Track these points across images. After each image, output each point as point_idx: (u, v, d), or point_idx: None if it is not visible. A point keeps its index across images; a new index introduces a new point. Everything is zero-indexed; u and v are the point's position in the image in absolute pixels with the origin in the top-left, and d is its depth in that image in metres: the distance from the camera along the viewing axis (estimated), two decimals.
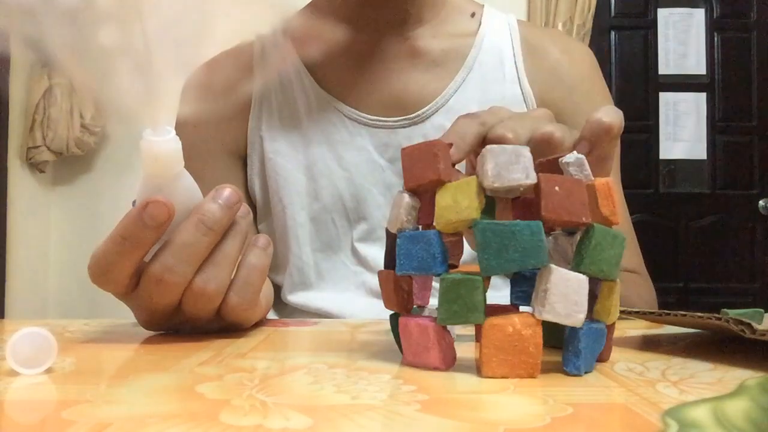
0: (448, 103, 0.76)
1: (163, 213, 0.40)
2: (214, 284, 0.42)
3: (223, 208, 0.42)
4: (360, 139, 0.76)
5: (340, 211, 0.76)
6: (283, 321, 0.56)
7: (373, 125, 0.76)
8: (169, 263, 0.41)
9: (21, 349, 0.32)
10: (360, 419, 0.24)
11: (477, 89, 0.77)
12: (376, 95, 0.77)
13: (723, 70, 2.89)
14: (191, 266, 0.42)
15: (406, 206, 0.36)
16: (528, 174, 0.32)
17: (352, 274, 0.76)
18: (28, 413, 0.27)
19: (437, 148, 0.34)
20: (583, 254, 0.32)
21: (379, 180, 0.76)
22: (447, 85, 0.77)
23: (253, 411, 0.25)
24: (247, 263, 0.44)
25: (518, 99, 0.77)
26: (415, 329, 0.33)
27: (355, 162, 0.76)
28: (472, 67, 0.78)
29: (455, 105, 0.76)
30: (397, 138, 0.76)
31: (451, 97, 0.77)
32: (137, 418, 0.25)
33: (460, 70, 0.78)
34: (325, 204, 0.76)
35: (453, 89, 0.77)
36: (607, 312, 0.34)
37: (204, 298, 0.43)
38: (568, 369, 0.32)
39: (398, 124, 0.76)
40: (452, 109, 0.76)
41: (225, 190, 0.43)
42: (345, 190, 0.76)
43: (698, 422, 0.24)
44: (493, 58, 0.79)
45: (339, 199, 0.76)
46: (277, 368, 0.33)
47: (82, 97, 2.78)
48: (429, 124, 0.76)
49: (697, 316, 0.37)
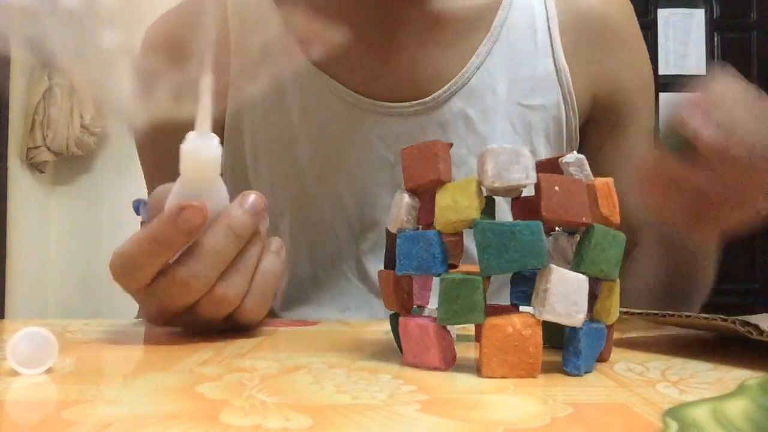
0: (469, 83, 0.63)
1: (198, 218, 0.39)
2: (234, 290, 0.42)
3: (250, 215, 0.42)
4: (362, 129, 0.62)
5: (341, 220, 0.64)
6: (283, 321, 0.56)
7: (378, 112, 0.62)
8: (196, 268, 0.40)
9: (21, 349, 0.32)
10: (360, 419, 0.24)
11: (504, 64, 0.64)
12: (382, 76, 0.63)
13: None
14: (216, 272, 0.41)
15: (406, 206, 0.36)
16: (528, 174, 0.32)
17: (355, 290, 0.65)
18: (28, 413, 0.27)
19: (437, 148, 0.34)
20: (583, 254, 0.32)
21: (387, 179, 0.63)
22: (468, 60, 0.64)
23: (253, 411, 0.25)
24: (262, 269, 0.44)
25: (551, 77, 0.65)
26: (415, 329, 0.33)
27: (357, 159, 0.63)
28: (499, 36, 0.64)
29: (477, 85, 0.63)
30: (409, 127, 0.62)
31: (473, 75, 0.63)
32: (137, 418, 0.25)
33: (484, 41, 0.64)
34: (323, 212, 0.64)
35: (475, 65, 0.63)
36: (607, 312, 0.34)
37: (224, 303, 0.42)
38: (568, 369, 0.32)
39: (410, 111, 0.62)
40: (475, 90, 0.63)
41: (251, 196, 0.42)
42: (346, 195, 0.64)
43: (698, 422, 0.24)
44: (524, 22, 0.65)
45: (339, 205, 0.64)
46: (277, 368, 0.33)
47: (82, 98, 2.78)
48: (447, 109, 0.62)
49: (702, 317, 0.37)
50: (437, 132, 0.63)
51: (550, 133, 0.66)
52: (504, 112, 0.64)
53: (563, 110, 0.66)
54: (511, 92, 0.65)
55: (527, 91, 0.65)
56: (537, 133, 0.66)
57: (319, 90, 0.63)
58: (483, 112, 0.64)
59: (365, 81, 0.63)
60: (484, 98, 0.64)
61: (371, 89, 0.62)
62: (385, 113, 0.62)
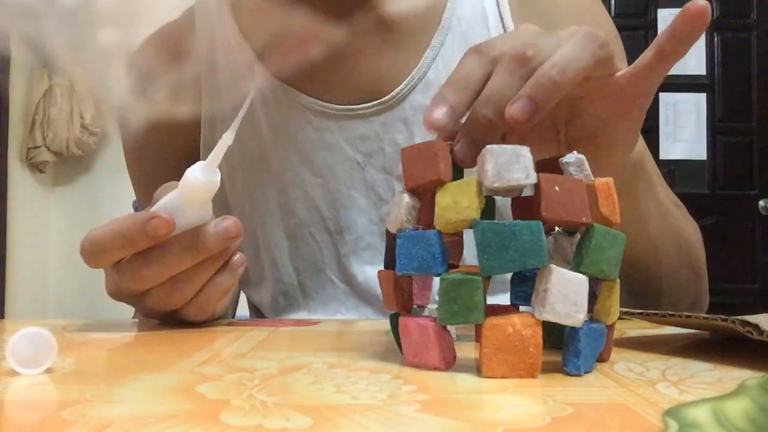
0: (426, 77, 0.64)
1: (164, 229, 0.44)
2: (179, 294, 0.47)
3: (218, 237, 0.46)
4: (329, 135, 0.65)
5: (318, 224, 0.66)
6: (283, 321, 0.56)
7: (342, 116, 0.64)
8: (152, 264, 0.45)
9: (21, 349, 0.32)
10: (360, 419, 0.24)
11: (458, 53, 0.62)
12: (343, 81, 0.64)
13: (723, 71, 2.89)
14: (168, 273, 0.46)
15: (406, 206, 0.36)
16: (528, 174, 0.32)
17: (342, 294, 0.66)
18: (28, 413, 0.27)
19: (437, 148, 0.34)
20: (583, 254, 0.32)
21: (358, 180, 0.65)
22: (423, 54, 0.64)
23: (253, 411, 0.25)
24: (213, 282, 0.48)
25: None
26: (415, 329, 0.33)
27: (327, 164, 0.65)
28: (450, 27, 0.65)
29: (434, 78, 0.64)
30: (373, 127, 0.64)
31: (428, 69, 0.64)
32: (137, 418, 0.25)
33: (436, 33, 0.65)
34: (301, 218, 0.66)
35: (429, 58, 0.64)
36: (607, 312, 0.34)
37: (167, 302, 0.48)
38: (568, 369, 0.32)
39: (371, 111, 0.64)
40: (432, 83, 0.64)
41: (227, 221, 0.46)
42: (321, 200, 0.65)
43: (698, 422, 0.24)
44: (474, 10, 0.66)
45: (315, 210, 0.66)
46: (277, 368, 0.33)
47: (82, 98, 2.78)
48: (407, 105, 0.64)
49: (702, 317, 0.37)
50: (401, 128, 0.65)
51: None
52: None
53: None
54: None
55: None
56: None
57: (285, 102, 0.65)
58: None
59: (327, 88, 0.64)
60: None
61: (334, 96, 0.64)
62: (348, 116, 0.64)
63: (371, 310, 0.66)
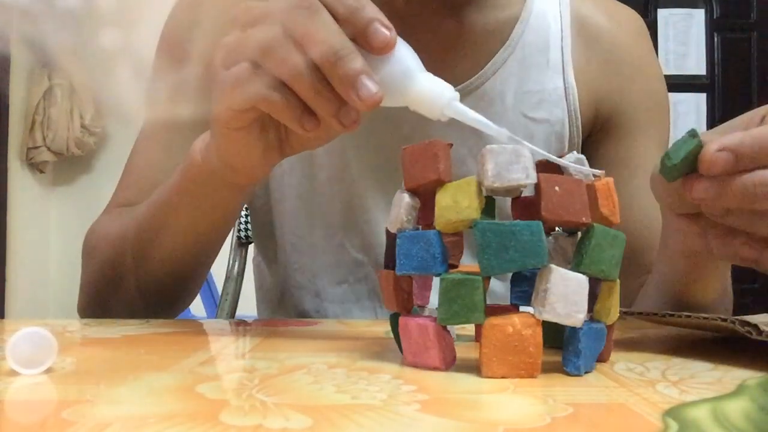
0: (482, 88, 0.67)
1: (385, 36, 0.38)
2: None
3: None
4: (378, 124, 0.66)
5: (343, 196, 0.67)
6: (283, 321, 0.56)
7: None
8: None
9: (21, 349, 0.32)
10: (360, 419, 0.24)
11: (516, 75, 0.67)
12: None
13: (723, 71, 2.89)
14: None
15: (406, 206, 0.36)
16: (528, 174, 0.32)
17: (353, 262, 0.69)
18: (28, 413, 0.27)
19: (437, 148, 0.34)
20: (583, 254, 0.32)
21: (393, 159, 0.65)
22: (483, 66, 0.67)
23: (253, 411, 0.25)
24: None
25: (558, 94, 0.68)
26: (415, 329, 0.33)
27: (374, 149, 0.67)
28: (515, 48, 0.67)
29: (488, 91, 0.66)
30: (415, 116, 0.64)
31: (486, 81, 0.67)
32: (137, 418, 0.25)
33: (501, 50, 0.67)
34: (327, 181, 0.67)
35: (490, 71, 0.67)
36: (607, 312, 0.34)
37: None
38: (568, 369, 0.32)
39: None
40: (485, 95, 0.66)
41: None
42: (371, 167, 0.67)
43: (698, 422, 0.24)
44: (539, 38, 0.68)
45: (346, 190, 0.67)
46: (277, 368, 0.33)
47: (82, 98, 2.78)
48: None
49: (702, 317, 0.37)
50: (440, 126, 0.64)
51: (552, 148, 0.68)
52: (509, 121, 0.67)
53: (567, 127, 0.69)
54: (518, 103, 0.67)
55: (534, 104, 0.68)
56: (538, 146, 0.66)
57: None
58: (489, 118, 0.64)
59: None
60: (493, 104, 0.67)
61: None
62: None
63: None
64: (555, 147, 0.68)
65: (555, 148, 0.68)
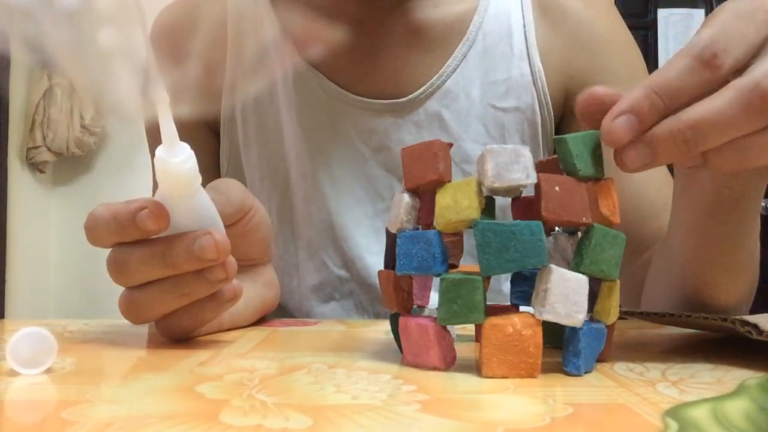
0: (444, 86, 0.66)
1: (153, 225, 0.39)
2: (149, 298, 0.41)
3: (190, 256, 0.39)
4: (342, 122, 0.66)
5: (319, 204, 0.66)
6: (283, 321, 0.56)
7: (357, 106, 0.66)
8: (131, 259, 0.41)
9: (21, 349, 0.32)
10: (360, 419, 0.24)
11: (479, 67, 0.67)
12: (365, 74, 0.66)
13: None
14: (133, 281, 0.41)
15: (406, 206, 0.36)
16: (528, 174, 0.32)
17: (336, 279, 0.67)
18: (28, 413, 0.27)
19: (437, 147, 0.34)
20: (583, 254, 0.32)
21: (360, 172, 0.66)
22: (444, 63, 0.66)
23: (253, 411, 0.25)
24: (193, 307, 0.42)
25: (526, 80, 0.67)
26: (415, 329, 0.33)
27: (336, 150, 0.66)
28: (475, 40, 0.67)
29: (453, 87, 0.66)
30: (384, 124, 0.66)
31: (448, 78, 0.66)
32: (137, 418, 0.25)
33: (460, 44, 0.66)
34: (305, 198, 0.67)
35: (451, 68, 0.66)
36: (607, 312, 0.34)
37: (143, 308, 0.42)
38: (568, 369, 0.32)
39: (386, 108, 0.65)
40: (449, 92, 0.66)
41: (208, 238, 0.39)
42: (325, 183, 0.66)
43: (698, 422, 0.24)
44: (500, 26, 0.67)
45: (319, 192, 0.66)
46: (277, 368, 0.33)
47: (82, 98, 2.78)
48: (422, 110, 0.65)
49: (702, 317, 0.37)
50: (411, 130, 0.66)
51: (525, 134, 0.67)
52: (477, 114, 0.66)
53: (538, 112, 0.67)
54: (485, 95, 0.67)
55: (501, 94, 0.67)
56: (511, 135, 0.67)
57: (308, 85, 0.67)
58: (457, 114, 0.66)
59: (351, 80, 0.66)
60: (458, 100, 0.66)
61: (356, 87, 0.66)
62: (363, 108, 0.66)
63: (369, 303, 0.66)
64: (528, 133, 0.67)
65: (528, 135, 0.67)
